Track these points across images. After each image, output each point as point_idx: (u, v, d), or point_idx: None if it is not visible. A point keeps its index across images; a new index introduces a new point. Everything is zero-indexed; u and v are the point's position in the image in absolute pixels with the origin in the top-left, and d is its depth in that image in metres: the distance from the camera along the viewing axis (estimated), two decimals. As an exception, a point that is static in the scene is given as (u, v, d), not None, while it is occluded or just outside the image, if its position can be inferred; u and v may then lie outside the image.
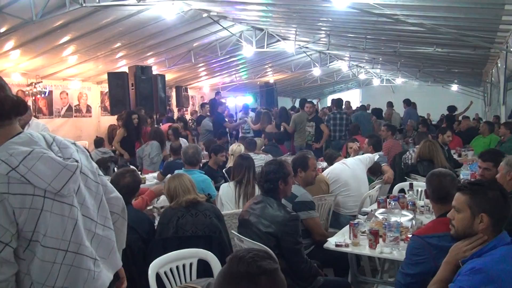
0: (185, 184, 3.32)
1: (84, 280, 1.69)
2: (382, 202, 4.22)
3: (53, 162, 1.60)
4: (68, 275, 1.64)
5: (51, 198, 1.59)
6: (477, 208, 2.03)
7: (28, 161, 1.54)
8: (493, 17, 5.77)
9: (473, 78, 14.08)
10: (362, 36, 8.75)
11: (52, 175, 1.58)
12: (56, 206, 1.61)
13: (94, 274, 1.72)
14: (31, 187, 1.54)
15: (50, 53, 8.19)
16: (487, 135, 8.34)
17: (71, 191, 1.67)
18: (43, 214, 1.57)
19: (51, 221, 1.59)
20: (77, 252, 1.67)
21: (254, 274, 1.27)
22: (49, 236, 1.59)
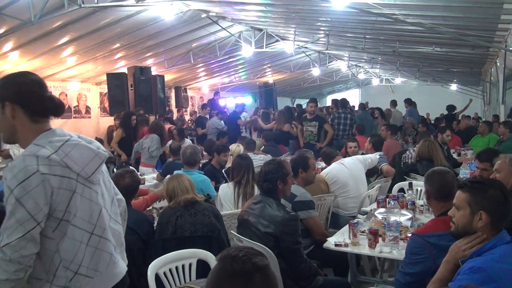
0: (183, 184, 3.33)
1: (107, 263, 1.86)
2: (381, 201, 4.22)
3: (86, 149, 1.82)
4: (93, 256, 1.82)
5: (82, 183, 1.79)
6: (477, 206, 2.02)
7: (66, 147, 1.75)
8: (492, 16, 5.77)
9: (472, 77, 14.09)
10: (361, 36, 8.75)
11: (85, 161, 1.79)
12: (86, 191, 1.80)
13: (115, 259, 1.91)
14: (68, 170, 1.73)
15: (49, 54, 8.19)
16: (486, 135, 8.35)
17: (98, 180, 1.87)
18: (74, 196, 1.75)
19: (81, 203, 1.78)
20: (102, 236, 1.85)
21: (249, 271, 1.28)
22: (78, 217, 1.77)
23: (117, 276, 1.94)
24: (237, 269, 1.29)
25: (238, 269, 1.29)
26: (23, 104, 1.75)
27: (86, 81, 10.91)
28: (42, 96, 1.79)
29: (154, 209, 4.17)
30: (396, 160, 6.23)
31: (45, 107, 1.79)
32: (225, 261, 1.31)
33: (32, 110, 1.76)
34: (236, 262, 1.30)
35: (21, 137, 1.80)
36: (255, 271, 1.29)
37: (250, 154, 6.68)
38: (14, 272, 1.63)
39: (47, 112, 1.80)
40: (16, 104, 1.75)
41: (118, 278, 1.94)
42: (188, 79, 13.68)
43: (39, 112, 1.78)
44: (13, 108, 1.75)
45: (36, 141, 1.75)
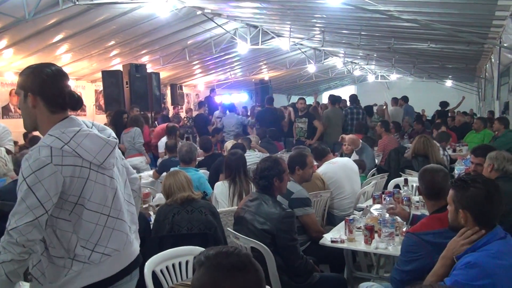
0: (179, 182, 3.33)
1: (124, 242, 2.00)
2: (377, 198, 4.24)
3: (97, 138, 1.93)
4: (111, 237, 1.95)
5: (95, 170, 1.90)
6: (458, 204, 2.08)
7: (78, 138, 1.86)
8: (486, 12, 5.79)
9: (467, 73, 14.14)
10: (356, 33, 8.76)
11: (96, 150, 1.90)
12: (99, 177, 1.92)
13: (130, 239, 2.05)
14: (80, 160, 1.85)
15: (44, 51, 8.14)
16: (480, 131, 8.39)
17: (111, 165, 1.98)
18: (88, 182, 1.88)
19: (95, 189, 1.90)
20: (118, 218, 1.99)
21: (245, 263, 1.32)
22: (92, 201, 1.90)
23: (133, 254, 2.07)
24: (235, 263, 1.31)
25: (236, 261, 1.31)
26: (44, 97, 1.88)
27: (81, 78, 10.86)
28: (63, 91, 1.91)
29: (150, 207, 4.17)
30: (392, 156, 6.25)
31: (64, 101, 1.91)
32: (220, 258, 1.32)
33: (51, 103, 1.89)
34: (231, 257, 1.32)
35: (40, 125, 1.93)
36: (249, 263, 1.33)
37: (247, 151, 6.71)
38: (19, 254, 1.75)
39: (65, 106, 1.92)
40: (38, 95, 1.87)
41: (134, 256, 2.08)
42: (183, 76, 13.65)
43: (58, 105, 1.90)
44: (35, 99, 1.87)
45: (51, 131, 1.86)
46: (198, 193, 3.44)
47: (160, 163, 6.39)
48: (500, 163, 3.36)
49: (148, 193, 4.51)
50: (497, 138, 7.30)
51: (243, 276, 1.30)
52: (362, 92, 20.32)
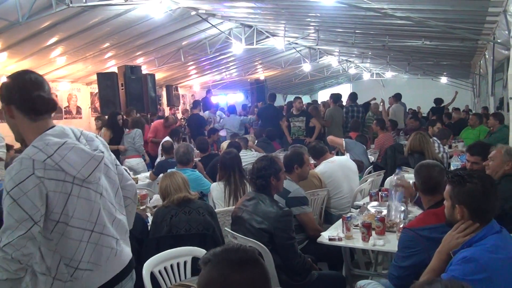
0: (176, 183, 3.33)
1: (107, 257, 1.95)
2: (374, 195, 4.25)
3: (82, 152, 1.86)
4: (93, 252, 1.90)
5: (78, 185, 1.85)
6: (455, 199, 2.08)
7: (62, 151, 1.79)
8: (480, 9, 5.81)
9: (462, 70, 14.19)
10: (351, 31, 8.78)
11: (81, 164, 1.83)
12: (83, 192, 1.86)
13: (116, 252, 1.99)
14: (63, 174, 1.79)
15: (38, 54, 8.12)
16: (476, 127, 8.44)
17: (97, 179, 1.92)
18: (70, 198, 1.82)
19: (78, 204, 1.84)
20: (102, 233, 1.93)
21: (255, 257, 1.36)
22: (76, 218, 1.84)
23: (122, 264, 2.04)
24: (244, 256, 1.34)
25: (245, 256, 1.35)
26: (16, 104, 1.84)
27: (76, 81, 10.83)
28: (31, 95, 1.83)
29: (147, 208, 4.17)
30: (388, 153, 6.27)
31: (34, 106, 1.83)
32: (228, 254, 1.35)
33: (24, 110, 1.83)
34: (240, 251, 1.36)
35: (24, 135, 1.89)
36: (256, 258, 1.37)
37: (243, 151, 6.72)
38: (15, 271, 1.69)
39: (38, 111, 1.85)
40: (11, 104, 1.84)
41: (123, 265, 2.04)
42: (179, 78, 13.64)
43: (30, 111, 1.84)
44: (10, 108, 1.85)
45: (36, 142, 1.81)
46: (195, 193, 3.44)
47: (157, 165, 6.38)
48: None
49: (145, 195, 4.51)
50: (492, 134, 7.35)
51: (251, 270, 1.33)
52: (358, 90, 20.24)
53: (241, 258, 1.34)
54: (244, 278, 1.31)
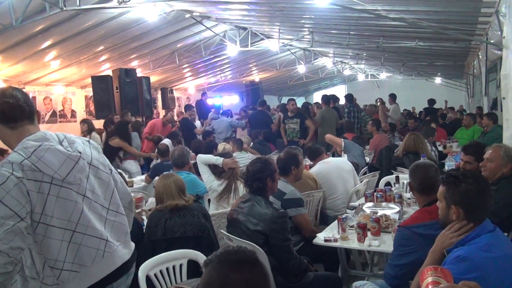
0: (169, 189, 3.27)
1: (92, 258, 1.97)
2: (369, 196, 4.27)
3: (58, 153, 1.91)
4: (77, 253, 1.93)
5: (57, 185, 1.90)
6: (450, 200, 2.09)
7: (38, 152, 1.86)
8: (472, 9, 5.84)
9: (456, 70, 14.25)
10: (345, 32, 8.80)
11: (58, 164, 1.89)
12: (63, 192, 1.91)
13: (103, 254, 2.00)
14: (40, 174, 1.85)
15: (32, 58, 8.08)
16: (470, 127, 8.48)
17: (77, 179, 1.96)
18: (49, 198, 1.87)
19: (57, 204, 1.89)
20: (85, 233, 1.96)
21: (254, 257, 1.41)
22: (56, 217, 1.88)
23: (112, 265, 2.04)
24: (243, 257, 1.39)
25: (244, 256, 1.39)
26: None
27: (70, 84, 10.79)
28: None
29: (143, 211, 4.16)
30: (383, 154, 6.29)
31: (3, 114, 1.93)
32: (228, 255, 1.39)
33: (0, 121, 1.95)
34: (239, 252, 1.40)
35: (9, 145, 1.98)
36: (256, 259, 1.41)
37: (239, 153, 6.72)
38: (3, 265, 1.73)
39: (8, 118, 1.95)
40: None
41: (114, 266, 2.05)
42: (174, 80, 13.62)
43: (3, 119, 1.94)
44: None
45: (16, 147, 1.90)
46: (189, 196, 3.41)
47: (153, 167, 6.38)
48: None
49: (141, 198, 4.51)
50: (486, 134, 7.38)
51: (250, 270, 1.36)
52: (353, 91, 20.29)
53: (240, 258, 1.38)
54: (243, 278, 1.34)
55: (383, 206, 3.94)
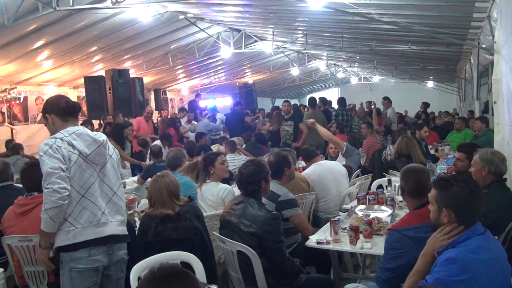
0: (160, 196, 3.18)
1: (88, 219, 2.64)
2: (361, 198, 4.28)
3: (87, 137, 2.71)
4: (80, 212, 2.63)
5: (83, 159, 2.66)
6: (442, 203, 2.11)
7: (74, 134, 2.68)
8: (464, 14, 5.89)
9: (448, 74, 14.37)
10: (338, 35, 8.84)
11: (85, 144, 2.69)
12: (84, 165, 2.67)
13: (97, 220, 2.66)
14: (72, 148, 2.64)
15: (24, 58, 8.04)
16: (462, 131, 8.55)
17: (97, 160, 2.72)
18: (74, 165, 2.63)
19: (78, 172, 2.64)
20: (90, 200, 2.66)
21: (179, 270, 1.47)
22: (75, 181, 2.63)
23: (103, 232, 2.67)
24: (168, 271, 1.43)
25: (169, 269, 1.44)
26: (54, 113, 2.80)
27: (63, 85, 10.74)
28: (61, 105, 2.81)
29: (135, 213, 4.14)
30: (376, 157, 6.32)
31: (67, 110, 2.79)
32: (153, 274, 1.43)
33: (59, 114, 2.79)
34: (163, 269, 1.44)
35: (54, 132, 2.77)
36: (182, 269, 1.48)
37: (231, 155, 6.71)
38: (56, 200, 2.49)
39: (65, 114, 2.78)
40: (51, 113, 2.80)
41: (104, 234, 2.67)
42: (167, 81, 13.60)
43: (62, 114, 2.78)
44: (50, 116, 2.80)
45: (61, 131, 2.71)
46: (183, 198, 3.35)
47: (145, 169, 6.34)
48: (497, 167, 3.29)
49: (133, 199, 4.49)
50: (478, 137, 7.44)
51: (179, 280, 1.42)
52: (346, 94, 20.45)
53: (165, 274, 1.42)
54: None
55: (375, 209, 3.96)
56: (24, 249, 3.18)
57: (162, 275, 1.42)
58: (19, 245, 3.18)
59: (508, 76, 3.88)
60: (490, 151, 3.39)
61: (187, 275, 1.45)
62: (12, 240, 3.20)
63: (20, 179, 3.45)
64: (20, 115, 9.72)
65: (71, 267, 2.61)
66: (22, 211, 3.25)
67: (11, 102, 9.21)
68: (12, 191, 3.82)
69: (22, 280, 3.30)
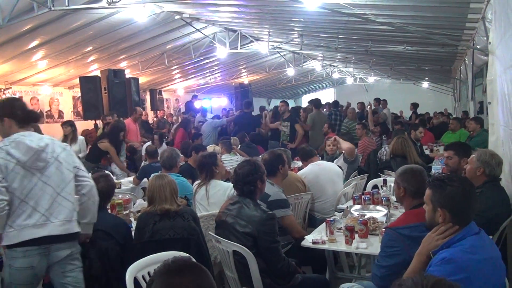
0: (163, 192, 3.22)
1: (25, 222, 2.72)
2: (357, 198, 4.29)
3: (23, 144, 2.76)
4: (19, 216, 2.73)
5: (21, 166, 2.73)
6: (436, 203, 2.13)
7: (12, 143, 2.75)
8: (459, 15, 5.92)
9: (443, 75, 14.43)
10: (334, 36, 8.86)
11: (22, 152, 2.74)
12: (23, 171, 2.74)
13: (34, 222, 2.74)
14: (11, 157, 2.71)
15: (19, 58, 8.00)
16: (456, 131, 8.59)
17: (36, 165, 2.77)
18: (12, 173, 2.71)
19: (17, 178, 2.72)
20: (29, 204, 2.74)
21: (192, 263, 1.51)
22: (14, 187, 2.71)
23: (38, 233, 2.73)
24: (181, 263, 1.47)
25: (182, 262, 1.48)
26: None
27: (58, 85, 10.70)
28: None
29: (131, 213, 4.14)
30: (371, 157, 6.35)
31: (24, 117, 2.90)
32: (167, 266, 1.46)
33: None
34: (177, 261, 1.48)
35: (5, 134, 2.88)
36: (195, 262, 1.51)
37: (227, 155, 6.71)
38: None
39: (22, 119, 2.88)
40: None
41: (39, 235, 2.73)
42: (163, 81, 13.58)
43: (20, 119, 2.86)
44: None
45: (7, 138, 2.80)
46: (182, 200, 3.37)
47: (141, 169, 6.34)
48: (492, 170, 3.31)
49: (129, 199, 4.48)
50: (472, 138, 7.47)
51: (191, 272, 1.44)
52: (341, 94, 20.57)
53: (179, 265, 1.45)
54: (187, 280, 1.41)
55: (371, 209, 3.97)
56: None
57: (177, 266, 1.44)
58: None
59: (502, 77, 3.90)
60: (489, 153, 3.40)
61: (200, 268, 1.47)
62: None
63: None
64: (14, 115, 9.66)
65: (10, 264, 2.76)
66: None
67: (5, 102, 9.15)
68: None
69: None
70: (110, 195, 3.47)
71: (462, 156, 3.89)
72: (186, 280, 1.41)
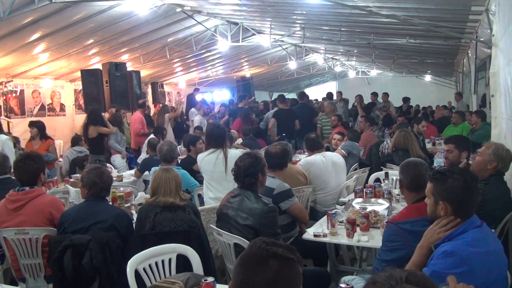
0: (169, 185, 3.21)
1: None
2: (359, 192, 4.29)
3: None
4: None
5: None
6: (438, 196, 2.12)
7: None
8: (463, 8, 5.88)
9: (446, 68, 14.36)
10: (336, 29, 8.81)
11: None
12: None
13: None
14: None
15: (20, 51, 7.98)
16: (459, 125, 8.56)
17: None
18: None
19: None
20: None
21: (264, 256, 1.40)
22: None
23: None
24: (253, 253, 1.43)
25: (253, 253, 1.43)
26: None
27: (59, 78, 10.68)
28: None
29: (132, 206, 4.14)
30: (373, 151, 6.33)
31: None
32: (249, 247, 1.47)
33: None
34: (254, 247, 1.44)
35: None
36: (270, 257, 1.40)
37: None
38: None
39: None
40: None
41: None
42: (164, 75, 13.54)
43: None
44: None
45: None
46: (185, 195, 3.36)
47: (142, 162, 6.34)
48: (504, 166, 3.27)
49: (130, 192, 4.48)
50: (475, 131, 7.45)
51: (255, 267, 1.40)
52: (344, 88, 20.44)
53: (251, 254, 1.43)
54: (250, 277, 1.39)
55: (372, 202, 3.96)
56: (20, 242, 3.18)
57: (247, 256, 1.44)
58: (15, 238, 3.18)
59: (505, 70, 3.87)
60: (506, 149, 3.35)
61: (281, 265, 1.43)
62: (8, 233, 3.20)
63: (13, 171, 3.45)
64: (16, 108, 9.66)
65: None
66: (14, 207, 3.24)
67: (7, 95, 9.16)
68: (10, 185, 3.81)
69: (19, 273, 3.30)
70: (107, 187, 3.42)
71: (462, 149, 3.87)
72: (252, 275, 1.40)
